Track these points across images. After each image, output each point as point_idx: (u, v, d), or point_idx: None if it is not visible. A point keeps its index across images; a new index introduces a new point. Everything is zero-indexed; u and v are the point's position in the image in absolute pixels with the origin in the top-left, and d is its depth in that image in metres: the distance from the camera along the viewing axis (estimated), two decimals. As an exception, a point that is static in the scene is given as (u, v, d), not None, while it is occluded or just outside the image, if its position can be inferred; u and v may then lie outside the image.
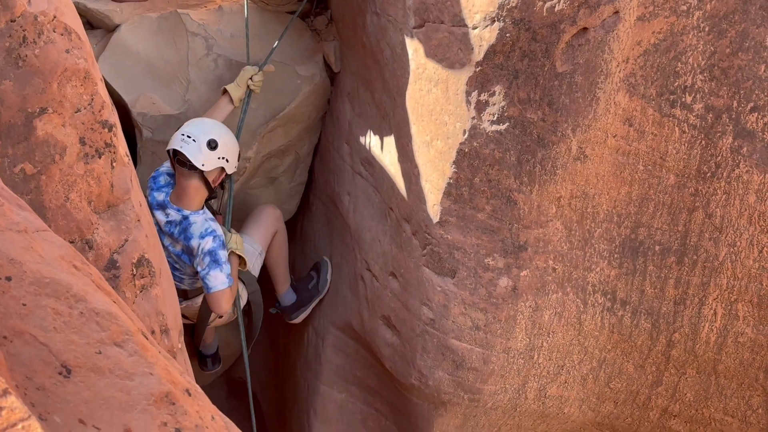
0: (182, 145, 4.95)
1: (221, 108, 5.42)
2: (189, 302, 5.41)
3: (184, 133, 4.99)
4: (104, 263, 3.10)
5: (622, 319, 4.66)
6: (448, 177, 4.38)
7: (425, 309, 4.67)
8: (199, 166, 4.99)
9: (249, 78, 5.48)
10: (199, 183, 5.07)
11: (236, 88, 5.45)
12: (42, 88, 2.91)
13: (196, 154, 4.96)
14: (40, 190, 2.94)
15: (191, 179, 5.04)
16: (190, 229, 5.05)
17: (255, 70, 5.51)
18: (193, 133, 4.98)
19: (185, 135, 4.98)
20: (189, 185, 5.05)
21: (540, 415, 5.04)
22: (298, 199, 6.57)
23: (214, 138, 5.01)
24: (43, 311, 1.75)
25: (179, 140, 4.97)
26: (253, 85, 5.50)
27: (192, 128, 5.02)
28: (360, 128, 5.35)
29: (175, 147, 4.98)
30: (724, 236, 4.36)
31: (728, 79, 4.09)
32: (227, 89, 5.44)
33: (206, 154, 4.98)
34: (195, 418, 1.83)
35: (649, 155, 4.26)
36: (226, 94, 5.46)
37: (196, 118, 5.22)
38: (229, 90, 5.44)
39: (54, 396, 1.67)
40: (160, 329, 3.30)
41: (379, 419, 5.65)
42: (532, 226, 4.42)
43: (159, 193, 5.12)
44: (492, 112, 4.21)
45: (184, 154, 4.95)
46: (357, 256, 5.41)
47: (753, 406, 4.79)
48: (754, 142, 4.16)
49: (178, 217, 5.08)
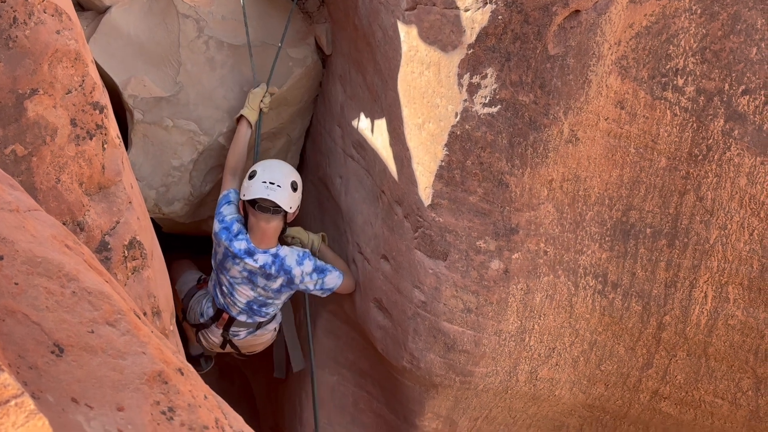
0: (269, 193, 5.10)
1: (243, 134, 5.63)
2: (262, 330, 5.66)
3: (265, 180, 5.13)
4: (96, 245, 3.09)
5: (613, 301, 4.67)
6: (440, 160, 4.38)
7: (417, 292, 4.67)
8: (289, 210, 5.18)
9: (260, 100, 5.65)
10: (280, 222, 5.24)
11: (252, 112, 5.65)
12: (33, 69, 2.90)
13: (286, 199, 5.15)
14: (31, 172, 2.93)
15: (273, 221, 5.19)
16: (286, 262, 5.24)
17: (263, 91, 5.67)
18: (276, 179, 5.15)
19: (268, 182, 5.12)
20: (270, 227, 5.20)
21: (531, 397, 5.06)
22: (290, 181, 6.56)
23: (294, 180, 5.24)
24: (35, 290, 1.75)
25: (263, 189, 5.11)
26: (264, 106, 5.68)
27: (272, 174, 5.18)
28: (352, 111, 5.35)
29: (260, 196, 5.11)
30: (715, 219, 4.37)
31: (720, 62, 4.09)
32: (243, 115, 5.62)
33: (292, 196, 5.19)
34: (188, 397, 1.84)
35: (641, 138, 4.27)
36: (243, 120, 5.64)
37: (265, 162, 5.38)
38: (246, 115, 5.62)
39: (47, 375, 1.67)
40: (152, 311, 3.30)
41: (370, 402, 5.67)
42: (524, 209, 4.42)
43: (240, 242, 5.24)
44: (484, 95, 4.20)
45: (270, 200, 5.10)
46: (349, 239, 5.41)
47: (743, 388, 4.81)
48: (745, 124, 4.17)
49: (269, 259, 5.24)
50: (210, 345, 5.75)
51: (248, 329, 5.57)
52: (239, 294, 5.37)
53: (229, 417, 2.01)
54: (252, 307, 5.43)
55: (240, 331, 5.57)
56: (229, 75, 5.78)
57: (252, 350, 5.82)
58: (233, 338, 5.62)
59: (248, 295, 5.35)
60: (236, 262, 5.23)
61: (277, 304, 5.49)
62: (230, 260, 5.25)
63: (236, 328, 5.56)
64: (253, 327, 5.58)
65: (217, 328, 5.59)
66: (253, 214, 5.16)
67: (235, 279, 5.31)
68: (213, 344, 5.72)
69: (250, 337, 5.64)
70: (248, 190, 5.15)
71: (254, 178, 5.15)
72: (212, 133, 5.75)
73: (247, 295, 5.36)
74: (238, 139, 5.62)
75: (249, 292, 5.34)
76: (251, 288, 5.32)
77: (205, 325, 5.66)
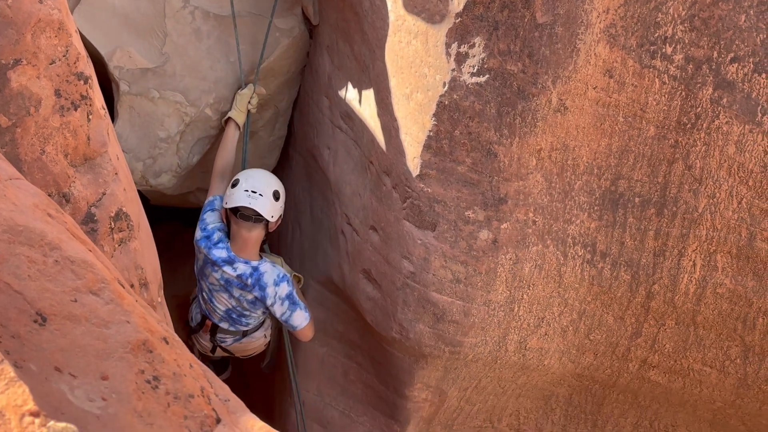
0: (250, 201, 5.11)
1: (231, 137, 5.69)
2: (248, 338, 5.69)
3: (247, 189, 5.14)
4: (82, 217, 3.08)
5: (602, 271, 4.67)
6: (428, 130, 4.36)
7: (406, 262, 4.67)
8: (270, 219, 5.19)
9: (248, 102, 5.70)
10: (262, 232, 5.26)
11: (239, 114, 5.71)
12: (15, 39, 2.86)
13: (267, 208, 5.16)
14: (16, 143, 2.90)
15: (254, 230, 5.21)
16: (263, 278, 5.24)
17: (250, 92, 5.71)
18: (258, 187, 5.15)
19: (250, 191, 5.13)
20: (251, 236, 5.22)
21: (520, 367, 5.07)
22: (277, 153, 6.54)
23: (276, 189, 5.24)
24: (17, 259, 1.74)
25: (245, 197, 5.12)
26: (252, 107, 5.74)
27: (253, 183, 5.18)
28: (339, 81, 5.32)
29: (242, 204, 5.11)
30: (703, 187, 4.37)
31: (708, 30, 4.08)
32: (231, 117, 5.67)
33: (274, 205, 5.20)
34: (173, 366, 1.83)
35: (630, 107, 4.25)
36: (230, 122, 5.70)
37: (248, 171, 5.40)
38: (234, 117, 5.69)
39: (29, 344, 1.66)
40: (139, 282, 3.29)
41: (360, 373, 5.68)
42: (513, 178, 4.41)
43: (220, 250, 5.26)
44: (472, 64, 4.19)
45: (252, 209, 5.11)
46: (337, 210, 5.40)
47: (731, 356, 4.83)
48: (734, 92, 4.16)
49: (248, 270, 5.25)
50: (202, 349, 5.83)
51: (234, 337, 5.65)
52: (218, 301, 5.43)
53: (215, 386, 2.01)
54: (231, 315, 5.49)
55: (226, 338, 5.65)
56: (216, 46, 5.74)
57: (245, 354, 5.89)
58: (221, 344, 5.69)
59: (226, 303, 5.42)
60: (215, 269, 5.27)
61: (255, 316, 5.54)
62: (209, 267, 5.30)
63: (222, 335, 5.63)
64: (239, 335, 5.65)
65: (204, 333, 5.65)
66: (235, 222, 5.19)
67: (214, 286, 5.36)
68: (204, 348, 5.80)
69: (237, 345, 5.71)
70: (230, 198, 5.18)
71: (237, 187, 5.18)
72: (199, 104, 5.72)
73: (226, 303, 5.42)
74: (226, 141, 5.66)
75: (226, 301, 5.41)
76: (228, 296, 5.37)
77: (195, 330, 5.75)
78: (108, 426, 1.64)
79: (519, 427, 5.63)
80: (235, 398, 2.04)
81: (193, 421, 1.82)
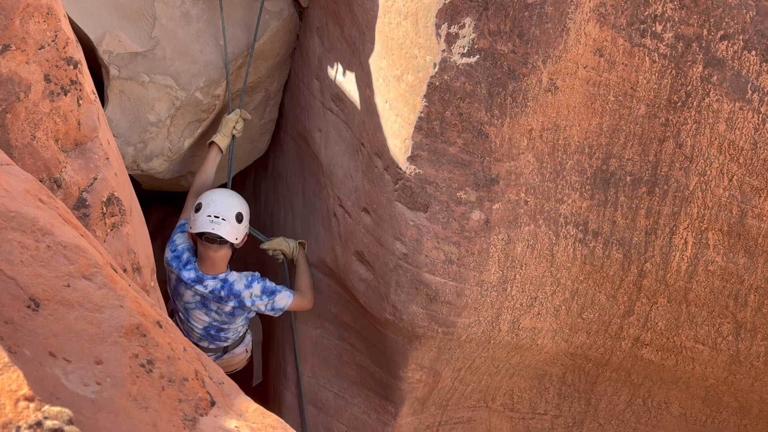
0: (214, 227, 5.18)
1: (213, 159, 5.79)
2: (229, 354, 5.80)
3: (210, 214, 5.19)
4: (73, 202, 3.07)
5: (594, 250, 4.68)
6: (419, 111, 4.36)
7: (398, 244, 4.67)
8: (234, 242, 5.27)
9: (233, 126, 5.79)
10: (228, 251, 5.34)
11: (223, 138, 5.79)
12: (4, 24, 2.85)
13: (231, 232, 5.24)
14: (6, 129, 2.90)
15: (220, 251, 5.29)
16: (234, 287, 5.37)
17: (236, 117, 5.80)
18: (221, 212, 5.22)
19: (213, 216, 5.19)
20: (218, 256, 5.31)
21: (514, 346, 5.08)
22: (268, 136, 6.53)
23: (240, 212, 5.32)
24: (9, 245, 1.74)
25: (208, 223, 5.18)
26: (236, 132, 5.83)
27: (216, 208, 5.23)
28: (330, 63, 5.31)
29: (205, 230, 5.18)
30: (694, 166, 4.38)
31: (698, 7, 4.07)
32: (215, 141, 5.75)
33: (237, 228, 5.27)
34: (167, 350, 1.83)
35: (620, 86, 4.26)
36: (214, 146, 5.78)
37: (210, 193, 5.41)
38: (218, 142, 5.76)
39: (23, 329, 1.66)
40: (132, 267, 3.29)
41: (354, 354, 5.69)
42: (504, 159, 4.42)
43: (189, 272, 5.35)
44: (462, 45, 4.18)
45: (216, 234, 5.17)
46: (329, 193, 5.40)
47: (723, 333, 4.85)
48: (724, 70, 4.16)
49: (218, 284, 5.35)
50: None
51: (215, 354, 5.71)
52: (195, 320, 5.50)
53: (209, 369, 2.01)
54: (210, 332, 5.56)
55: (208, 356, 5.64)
56: (206, 29, 5.73)
57: (228, 371, 5.91)
58: None
59: (203, 320, 5.48)
60: (188, 287, 5.37)
61: (234, 328, 5.60)
62: (182, 286, 5.39)
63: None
64: (219, 352, 5.72)
65: None
66: (201, 244, 5.26)
67: (189, 304, 5.44)
68: None
69: (219, 362, 5.75)
70: (194, 224, 5.24)
71: (200, 212, 5.23)
72: (189, 87, 5.70)
73: (203, 320, 5.48)
74: (207, 163, 5.75)
75: (204, 317, 5.47)
76: (206, 312, 5.45)
77: None
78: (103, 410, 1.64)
79: (513, 406, 5.65)
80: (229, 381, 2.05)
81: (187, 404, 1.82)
